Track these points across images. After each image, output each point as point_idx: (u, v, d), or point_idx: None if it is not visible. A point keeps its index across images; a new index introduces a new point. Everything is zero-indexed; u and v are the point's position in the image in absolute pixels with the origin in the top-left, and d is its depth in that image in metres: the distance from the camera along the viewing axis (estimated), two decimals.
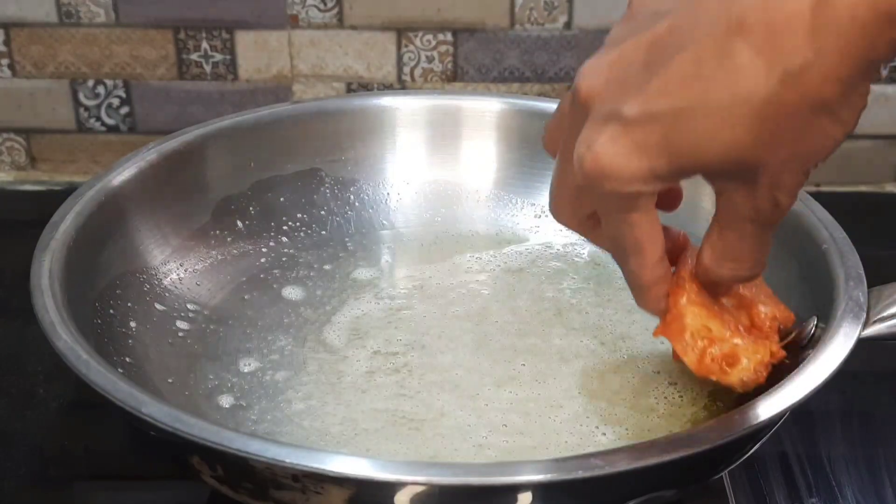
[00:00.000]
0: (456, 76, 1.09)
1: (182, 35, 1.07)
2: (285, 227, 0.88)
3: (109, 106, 1.11)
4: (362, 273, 0.84)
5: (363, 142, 0.91)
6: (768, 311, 0.65)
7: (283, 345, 0.76)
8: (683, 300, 0.62)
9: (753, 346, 0.63)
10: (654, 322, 0.64)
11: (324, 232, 0.89)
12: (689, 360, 0.62)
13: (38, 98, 1.10)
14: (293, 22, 1.07)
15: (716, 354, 0.62)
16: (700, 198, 0.86)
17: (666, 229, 0.62)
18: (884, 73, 1.07)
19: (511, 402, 0.69)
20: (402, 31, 1.07)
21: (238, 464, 0.56)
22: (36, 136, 1.13)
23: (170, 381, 0.71)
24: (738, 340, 0.62)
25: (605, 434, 0.67)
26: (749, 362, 0.62)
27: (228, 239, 0.85)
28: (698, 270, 0.61)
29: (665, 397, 0.69)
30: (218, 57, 1.08)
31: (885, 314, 0.65)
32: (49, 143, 1.13)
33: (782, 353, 0.63)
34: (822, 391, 0.60)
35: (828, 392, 0.61)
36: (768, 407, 0.59)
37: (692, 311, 0.61)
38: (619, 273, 0.61)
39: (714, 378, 0.62)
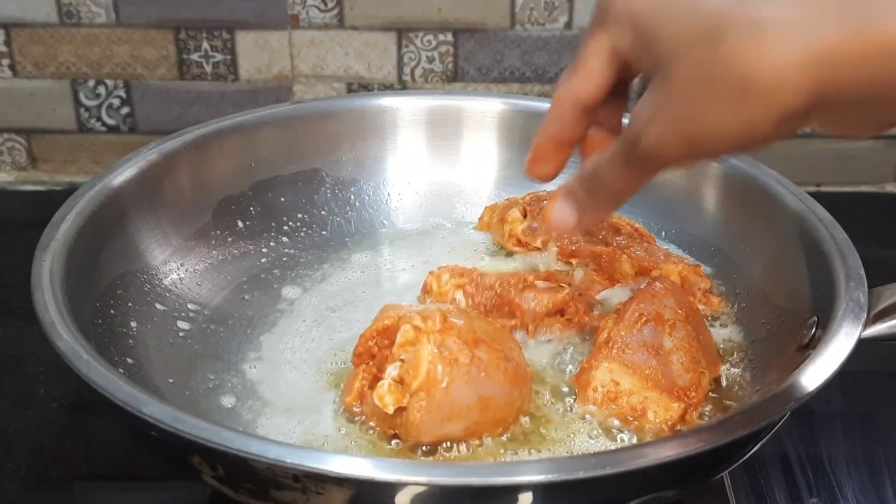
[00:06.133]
0: (456, 76, 1.09)
1: (183, 35, 1.08)
2: (286, 227, 0.88)
3: (110, 106, 1.11)
4: (359, 271, 0.85)
5: (364, 142, 0.91)
6: (690, 377, 0.68)
7: (277, 342, 0.76)
8: (599, 359, 0.68)
9: (666, 402, 0.67)
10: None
11: (324, 232, 0.89)
12: (589, 409, 0.68)
13: (38, 98, 1.11)
14: (294, 22, 1.07)
15: (623, 405, 0.67)
16: (701, 199, 0.87)
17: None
18: None
19: None
20: (403, 32, 1.07)
21: (239, 464, 0.56)
22: (37, 137, 1.13)
23: (170, 381, 0.71)
24: (649, 394, 0.67)
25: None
26: (655, 416, 0.67)
27: (229, 239, 0.85)
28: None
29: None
30: (218, 57, 1.08)
31: (885, 315, 0.65)
32: (50, 143, 1.13)
33: (694, 422, 0.67)
34: (822, 391, 0.60)
35: (828, 392, 0.61)
36: (769, 407, 0.59)
37: (604, 368, 0.68)
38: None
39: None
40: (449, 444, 0.64)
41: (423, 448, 0.64)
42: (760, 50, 0.47)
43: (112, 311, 0.73)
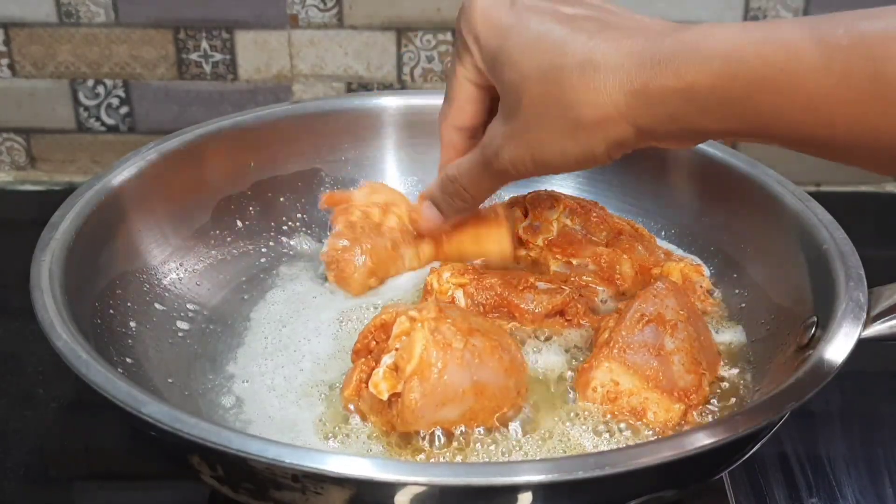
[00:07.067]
0: None
1: (182, 35, 1.07)
2: (285, 227, 0.88)
3: (109, 106, 1.11)
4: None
5: (363, 142, 0.91)
6: (690, 378, 0.68)
7: (277, 341, 0.76)
8: (599, 359, 0.68)
9: (667, 403, 0.67)
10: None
11: (324, 232, 0.89)
12: (589, 408, 0.68)
13: (38, 98, 1.10)
14: (293, 22, 1.07)
15: (623, 405, 0.67)
16: (701, 200, 0.86)
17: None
18: None
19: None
20: (402, 31, 1.07)
21: (238, 464, 0.56)
22: (36, 136, 1.13)
23: (170, 380, 0.71)
24: (649, 395, 0.67)
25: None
26: (655, 417, 0.67)
27: (228, 239, 0.85)
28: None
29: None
30: (218, 57, 1.08)
31: (885, 315, 0.65)
32: (49, 143, 1.13)
33: (695, 423, 0.67)
34: (822, 391, 0.60)
35: (828, 392, 0.61)
36: (768, 407, 0.59)
37: (605, 368, 0.68)
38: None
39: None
40: (442, 440, 0.64)
41: (421, 438, 0.65)
42: (588, 93, 0.56)
43: (111, 311, 0.73)
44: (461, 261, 0.78)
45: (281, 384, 0.71)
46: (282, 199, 0.88)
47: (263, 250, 0.86)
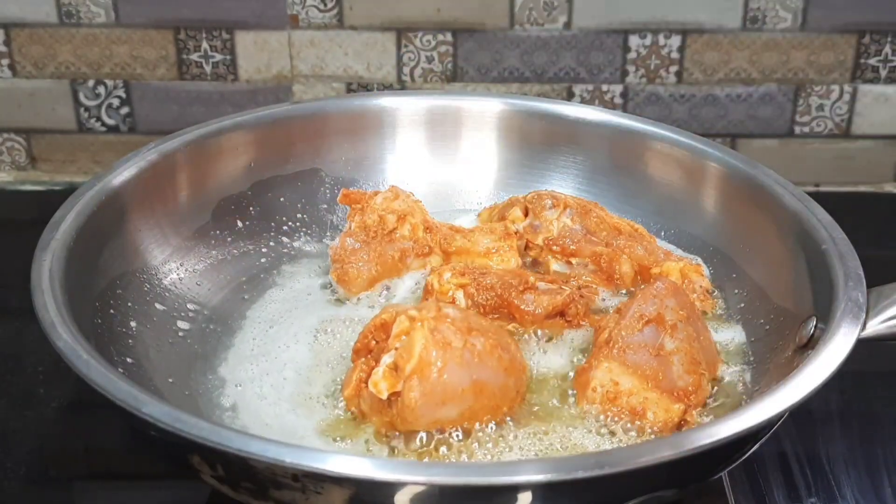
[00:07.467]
0: (456, 76, 1.09)
1: (182, 35, 1.08)
2: (285, 227, 0.88)
3: (110, 106, 1.11)
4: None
5: (363, 142, 0.91)
6: (690, 378, 0.67)
7: (277, 340, 0.76)
8: (599, 359, 0.68)
9: (667, 403, 0.67)
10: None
11: (324, 232, 0.89)
12: (588, 408, 0.68)
13: (38, 98, 1.11)
14: (293, 22, 1.07)
15: (623, 405, 0.67)
16: (701, 199, 0.87)
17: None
18: (883, 72, 1.07)
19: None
20: (402, 32, 1.07)
21: (238, 463, 0.56)
22: (36, 136, 1.13)
23: (170, 380, 0.71)
24: (649, 395, 0.67)
25: None
26: (655, 417, 0.67)
27: (228, 239, 0.85)
28: None
29: None
30: (218, 57, 1.08)
31: (884, 314, 0.66)
32: (49, 143, 1.13)
33: (694, 423, 0.67)
34: (821, 391, 0.60)
35: (827, 392, 0.61)
36: (768, 407, 0.59)
37: (604, 368, 0.67)
38: None
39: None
40: (442, 439, 0.65)
41: (421, 440, 0.65)
42: None
43: (112, 311, 0.73)
44: None
45: (270, 393, 0.71)
46: (282, 199, 0.88)
47: (264, 250, 0.86)
